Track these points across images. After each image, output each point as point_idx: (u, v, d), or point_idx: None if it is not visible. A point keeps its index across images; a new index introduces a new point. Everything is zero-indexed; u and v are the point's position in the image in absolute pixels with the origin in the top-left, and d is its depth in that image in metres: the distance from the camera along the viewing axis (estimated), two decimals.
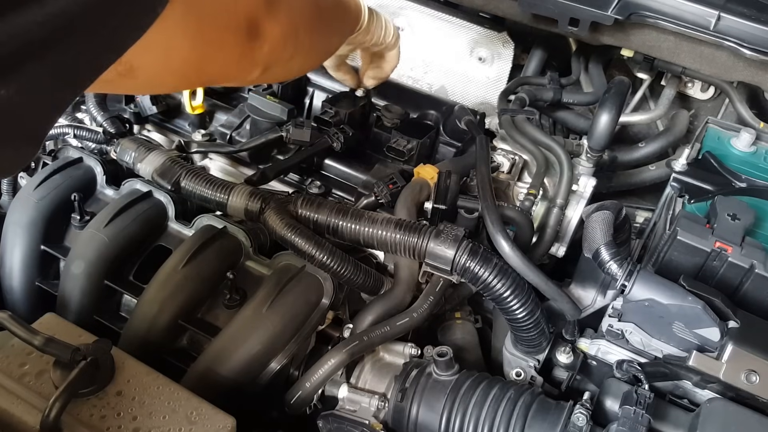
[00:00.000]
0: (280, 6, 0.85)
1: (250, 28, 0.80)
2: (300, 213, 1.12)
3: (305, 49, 0.99)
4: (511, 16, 1.55)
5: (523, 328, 1.06)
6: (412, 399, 1.02)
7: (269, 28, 0.83)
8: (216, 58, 0.79)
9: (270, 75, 0.93)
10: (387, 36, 1.28)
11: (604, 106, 1.30)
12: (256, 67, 0.87)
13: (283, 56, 0.92)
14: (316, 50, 1.08)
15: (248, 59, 0.84)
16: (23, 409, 0.86)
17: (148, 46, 0.59)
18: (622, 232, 1.13)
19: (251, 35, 0.81)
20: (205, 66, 0.79)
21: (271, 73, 0.92)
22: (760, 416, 0.94)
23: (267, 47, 0.84)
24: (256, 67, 0.87)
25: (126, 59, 0.57)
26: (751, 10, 1.34)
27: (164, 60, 0.71)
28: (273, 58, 0.88)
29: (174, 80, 0.82)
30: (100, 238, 1.16)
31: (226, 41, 0.78)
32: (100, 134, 1.34)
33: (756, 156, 1.38)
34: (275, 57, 0.89)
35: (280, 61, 0.92)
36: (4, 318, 0.90)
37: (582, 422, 0.96)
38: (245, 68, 0.87)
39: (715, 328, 0.97)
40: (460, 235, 1.05)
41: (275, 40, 0.85)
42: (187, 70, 0.77)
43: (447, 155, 1.43)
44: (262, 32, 0.82)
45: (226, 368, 1.02)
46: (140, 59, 0.64)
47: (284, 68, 0.98)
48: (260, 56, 0.85)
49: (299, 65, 1.04)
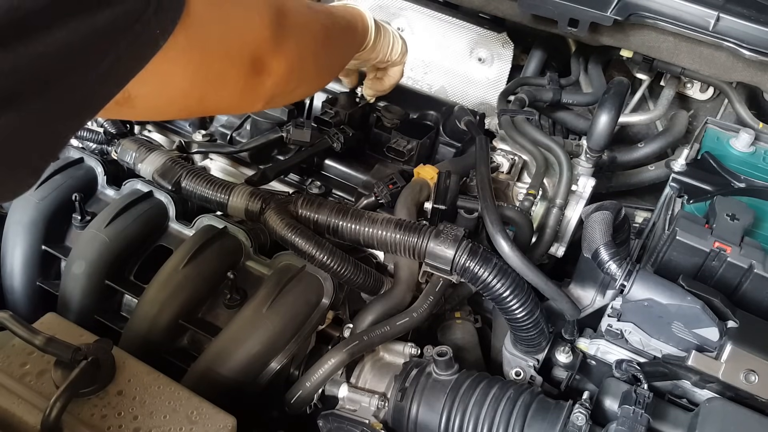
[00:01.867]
0: (289, 41, 0.83)
1: (255, 63, 0.78)
2: (300, 213, 1.12)
3: (310, 78, 0.98)
4: (510, 17, 1.56)
5: (523, 327, 1.06)
6: (412, 398, 1.03)
7: (275, 63, 0.81)
8: (218, 92, 0.77)
9: (273, 105, 0.92)
10: (393, 53, 1.26)
11: (603, 106, 1.30)
12: (259, 101, 0.86)
13: (287, 88, 0.90)
14: (321, 76, 1.06)
15: (251, 93, 0.82)
16: (24, 408, 0.87)
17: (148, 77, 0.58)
18: (622, 232, 1.13)
19: (256, 71, 0.79)
20: (207, 99, 0.77)
21: (274, 103, 0.90)
22: (760, 416, 0.94)
23: (271, 82, 0.82)
24: (259, 100, 0.86)
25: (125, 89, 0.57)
26: (751, 11, 1.34)
27: (164, 91, 0.70)
28: (277, 91, 0.86)
29: (174, 110, 0.81)
30: (101, 239, 1.16)
31: (229, 76, 0.76)
32: (100, 134, 1.34)
33: (755, 156, 1.38)
34: (279, 90, 0.86)
35: (284, 93, 0.90)
36: (5, 318, 0.90)
37: (581, 422, 0.96)
38: (248, 101, 0.85)
39: (714, 327, 0.98)
40: (460, 235, 1.05)
41: (280, 75, 0.83)
42: (187, 103, 0.76)
43: (447, 155, 1.43)
44: (268, 68, 0.80)
45: (227, 368, 1.02)
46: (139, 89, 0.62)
47: (287, 97, 0.97)
48: (263, 90, 0.83)
49: (303, 92, 1.02)
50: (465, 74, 1.80)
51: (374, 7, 1.78)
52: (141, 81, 0.58)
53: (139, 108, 0.69)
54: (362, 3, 1.77)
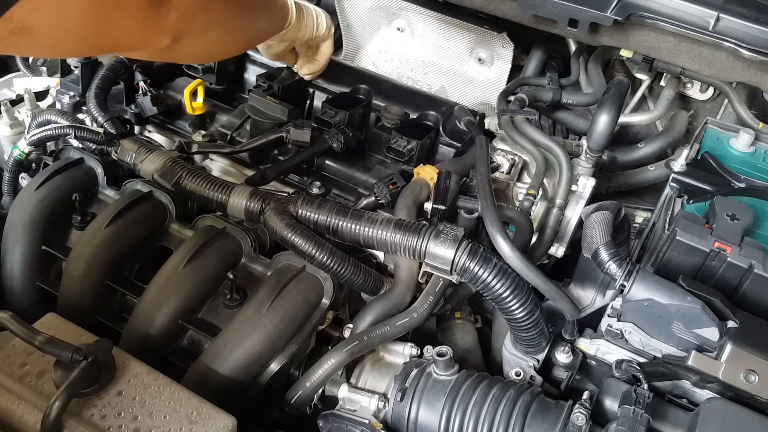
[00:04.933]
0: None
1: None
2: (300, 213, 1.12)
3: (222, 24, 0.97)
4: (510, 17, 1.55)
5: (523, 328, 1.06)
6: (412, 399, 1.03)
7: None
8: (117, 21, 0.76)
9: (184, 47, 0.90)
10: (320, 29, 1.30)
11: (603, 106, 1.30)
12: (165, 35, 0.85)
13: (194, 27, 0.89)
14: (236, 28, 1.06)
15: (154, 26, 0.82)
16: (24, 408, 0.87)
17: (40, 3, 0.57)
18: (622, 232, 1.13)
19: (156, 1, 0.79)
20: (106, 29, 0.76)
21: (185, 45, 0.89)
22: (759, 416, 0.94)
23: (175, 15, 0.82)
24: (164, 35, 0.85)
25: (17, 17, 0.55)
26: (750, 11, 1.34)
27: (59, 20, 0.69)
28: (183, 28, 0.86)
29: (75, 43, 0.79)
30: (101, 239, 1.16)
31: (128, 4, 0.76)
32: (101, 135, 1.34)
33: (755, 156, 1.38)
34: (185, 27, 0.86)
35: (191, 32, 0.89)
36: (5, 318, 0.90)
37: (581, 422, 0.96)
38: (152, 35, 0.84)
39: (714, 327, 0.98)
40: (460, 236, 1.05)
41: (184, 8, 0.83)
42: (86, 33, 0.75)
43: (447, 156, 1.43)
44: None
45: (227, 368, 1.02)
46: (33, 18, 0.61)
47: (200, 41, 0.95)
48: (168, 24, 0.83)
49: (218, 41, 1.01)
50: (465, 74, 1.80)
51: (374, 7, 1.78)
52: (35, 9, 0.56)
53: (38, 38, 0.68)
54: (362, 3, 1.78)
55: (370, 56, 1.91)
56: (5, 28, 0.56)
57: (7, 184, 1.49)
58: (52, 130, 1.39)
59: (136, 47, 0.88)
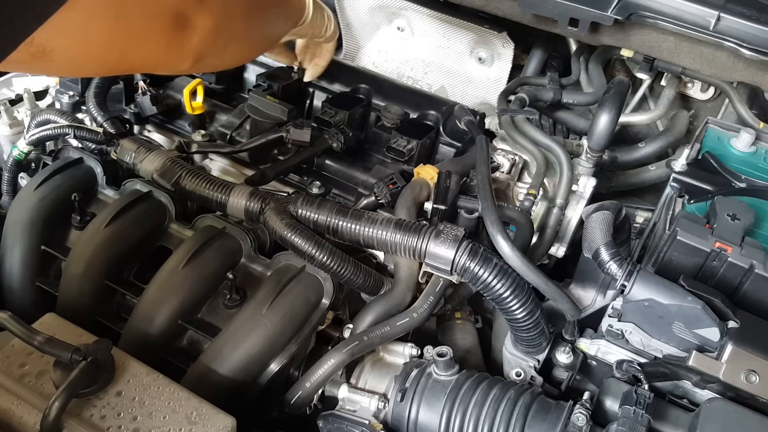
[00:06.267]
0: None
1: (178, 19, 0.77)
2: (300, 213, 1.12)
3: (241, 38, 0.96)
4: (511, 17, 1.55)
5: (523, 328, 1.06)
6: (412, 399, 1.03)
7: (200, 19, 0.80)
8: (140, 46, 0.75)
9: (203, 65, 0.90)
10: (328, 30, 1.29)
11: (603, 106, 1.30)
12: (187, 58, 0.84)
13: (216, 46, 0.88)
14: (253, 38, 1.05)
15: (177, 50, 0.81)
16: (23, 409, 0.87)
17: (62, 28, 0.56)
18: (622, 232, 1.13)
19: (179, 26, 0.78)
20: (128, 53, 0.75)
21: (204, 63, 0.89)
22: (760, 416, 0.94)
23: (197, 38, 0.81)
24: (186, 58, 0.84)
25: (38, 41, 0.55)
26: (751, 11, 1.33)
27: (81, 44, 0.68)
28: (205, 49, 0.85)
29: (95, 66, 0.78)
30: (101, 239, 1.16)
31: (151, 30, 0.75)
32: (100, 135, 1.34)
33: (756, 156, 1.38)
34: (207, 48, 0.85)
35: (213, 52, 0.89)
36: (5, 318, 0.90)
37: (582, 422, 0.96)
38: (174, 58, 0.84)
39: (715, 328, 0.97)
40: (460, 236, 1.05)
41: (206, 32, 0.82)
42: (108, 57, 0.74)
43: (447, 155, 1.43)
44: (192, 23, 0.79)
45: (226, 368, 1.02)
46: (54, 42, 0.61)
47: (219, 57, 0.95)
48: (190, 47, 0.82)
49: (235, 54, 1.00)
50: (465, 74, 1.80)
51: (374, 7, 1.78)
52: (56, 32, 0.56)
53: (58, 62, 0.67)
54: (362, 2, 1.78)
55: (370, 56, 1.91)
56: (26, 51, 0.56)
57: (7, 183, 1.48)
58: (52, 129, 1.39)
59: (157, 69, 0.88)
